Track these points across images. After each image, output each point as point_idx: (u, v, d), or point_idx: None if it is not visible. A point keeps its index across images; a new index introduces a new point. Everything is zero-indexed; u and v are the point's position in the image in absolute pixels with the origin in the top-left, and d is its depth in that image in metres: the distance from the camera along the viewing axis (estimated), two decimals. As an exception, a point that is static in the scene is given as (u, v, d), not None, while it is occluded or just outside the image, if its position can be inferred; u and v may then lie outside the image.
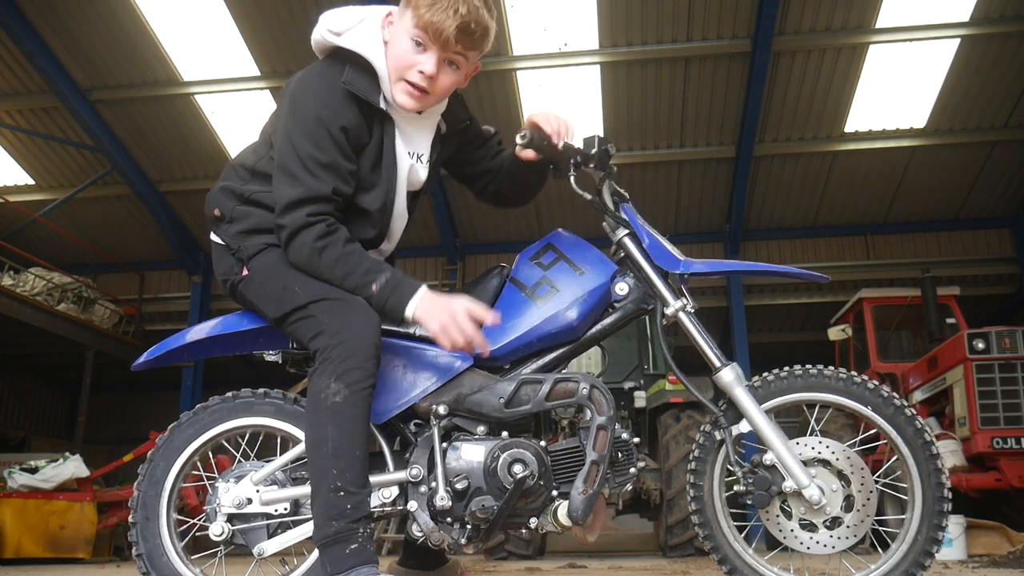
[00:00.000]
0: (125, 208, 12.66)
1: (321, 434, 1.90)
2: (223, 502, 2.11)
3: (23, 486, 7.49)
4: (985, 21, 9.44)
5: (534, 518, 2.07)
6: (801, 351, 14.39)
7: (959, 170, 11.42)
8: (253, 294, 2.11)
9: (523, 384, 2.06)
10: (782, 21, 9.55)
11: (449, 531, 2.04)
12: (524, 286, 2.18)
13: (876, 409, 2.06)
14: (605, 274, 2.15)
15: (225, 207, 2.16)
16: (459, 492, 2.02)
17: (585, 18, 9.68)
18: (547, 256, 2.22)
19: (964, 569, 4.56)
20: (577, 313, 2.11)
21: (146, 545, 2.13)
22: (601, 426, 2.01)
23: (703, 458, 2.16)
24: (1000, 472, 6.69)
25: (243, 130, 11.26)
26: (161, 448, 2.18)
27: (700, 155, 11.34)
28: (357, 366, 1.91)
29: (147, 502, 2.14)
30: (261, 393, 2.23)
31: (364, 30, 2.08)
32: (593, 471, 1.99)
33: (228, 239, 2.17)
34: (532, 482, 2.00)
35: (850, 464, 2.04)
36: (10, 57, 10.38)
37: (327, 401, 1.89)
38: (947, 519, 2.03)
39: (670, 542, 6.59)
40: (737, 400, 2.06)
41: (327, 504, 1.87)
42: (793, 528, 2.06)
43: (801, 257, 12.55)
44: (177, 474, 2.17)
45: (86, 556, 7.54)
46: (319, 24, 2.13)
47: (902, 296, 8.96)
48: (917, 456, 2.03)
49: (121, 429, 15.76)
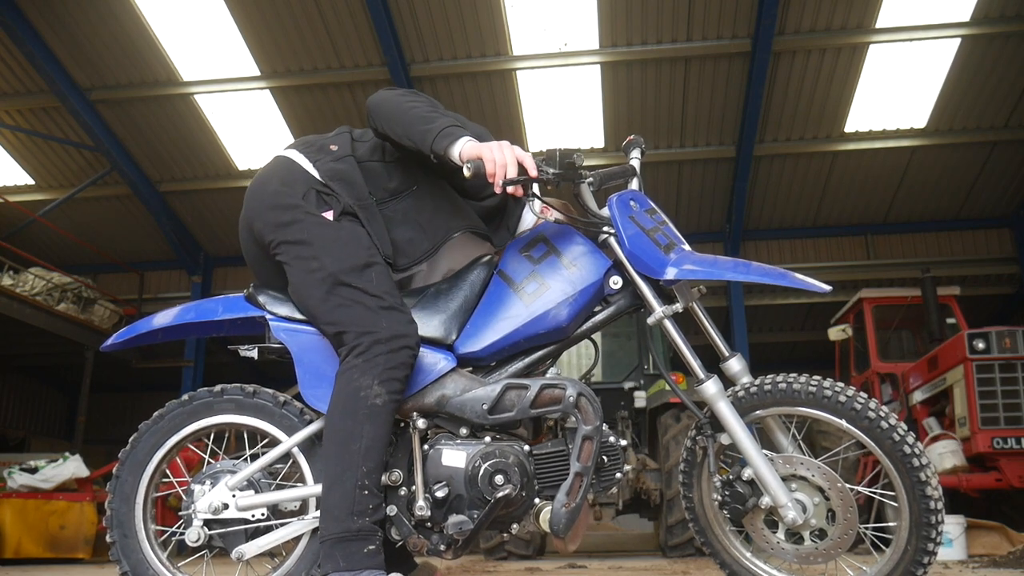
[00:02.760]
0: (125, 208, 12.66)
1: (356, 431, 1.88)
2: (199, 508, 2.07)
3: (23, 486, 7.49)
4: (985, 21, 9.44)
5: (515, 524, 2.03)
6: (801, 351, 14.43)
7: (959, 170, 11.42)
8: (326, 239, 2.03)
9: (508, 389, 2.00)
10: (782, 21, 9.55)
11: (428, 536, 2.00)
12: (512, 280, 2.09)
13: (852, 421, 1.96)
14: (598, 271, 2.06)
15: (342, 151, 2.19)
16: (439, 500, 1.97)
17: (585, 18, 9.68)
18: (538, 249, 2.12)
19: (964, 569, 4.56)
20: (567, 313, 2.03)
21: (129, 561, 2.09)
22: (587, 436, 1.95)
23: (691, 464, 2.14)
24: (1000, 472, 6.68)
25: (243, 130, 11.27)
26: (126, 462, 2.13)
27: (700, 155, 11.34)
28: (401, 377, 1.93)
29: (121, 519, 2.10)
30: (219, 391, 2.19)
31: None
32: (576, 483, 1.94)
33: (322, 170, 2.13)
34: (514, 494, 1.94)
35: (826, 479, 1.98)
36: (10, 57, 10.38)
37: (367, 400, 1.89)
38: (938, 531, 1.95)
39: (670, 542, 6.59)
40: (718, 413, 2.01)
41: (350, 499, 1.85)
42: (779, 540, 2.03)
43: (801, 257, 12.55)
44: (147, 486, 2.13)
45: (86, 556, 7.53)
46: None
47: (902, 296, 8.95)
48: (899, 468, 1.93)
49: (121, 429, 15.73)
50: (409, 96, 2.10)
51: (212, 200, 12.46)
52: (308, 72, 10.40)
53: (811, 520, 1.98)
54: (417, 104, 2.06)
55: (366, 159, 2.20)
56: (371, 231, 2.11)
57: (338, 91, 10.60)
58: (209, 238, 13.15)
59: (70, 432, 14.09)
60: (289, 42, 9.99)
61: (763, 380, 2.06)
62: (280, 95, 10.70)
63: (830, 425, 1.99)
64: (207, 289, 13.27)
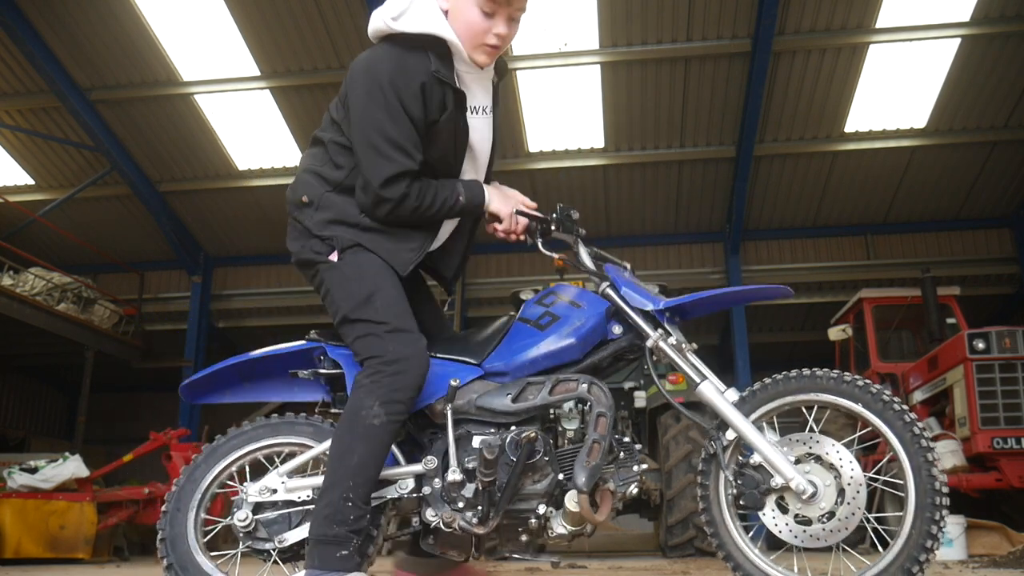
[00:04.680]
0: (125, 208, 12.66)
1: (350, 447, 2.09)
2: (249, 492, 2.30)
3: (23, 486, 7.49)
4: (985, 21, 9.44)
5: (542, 504, 2.17)
6: (801, 351, 14.41)
7: (959, 170, 11.41)
8: (334, 283, 2.26)
9: (528, 384, 2.26)
10: (782, 21, 9.55)
11: (461, 514, 2.17)
12: (529, 320, 2.43)
13: (866, 405, 2.12)
14: (601, 306, 2.36)
15: (314, 194, 2.30)
16: (470, 472, 2.19)
17: (585, 18, 9.68)
18: (549, 298, 2.47)
19: (964, 569, 4.56)
20: (577, 337, 2.31)
21: (171, 531, 2.32)
22: (600, 413, 2.15)
23: (708, 463, 2.27)
24: (1000, 472, 6.68)
25: (243, 130, 11.27)
26: (206, 453, 2.43)
27: (700, 155, 11.33)
28: (402, 400, 2.13)
29: (182, 496, 2.36)
30: (301, 417, 2.48)
31: (421, 10, 2.22)
32: (595, 448, 2.11)
33: (312, 224, 2.29)
34: (539, 454, 2.16)
35: (839, 456, 2.11)
36: (10, 57, 10.38)
37: (365, 420, 2.09)
38: (942, 513, 2.04)
39: (670, 542, 6.59)
40: (717, 409, 2.18)
41: (333, 507, 2.05)
42: (788, 522, 2.13)
43: (801, 257, 12.55)
44: (214, 477, 2.39)
45: (86, 556, 7.53)
46: (375, 16, 2.30)
47: (902, 296, 8.95)
48: (908, 449, 2.07)
49: (121, 429, 15.75)
50: (419, 203, 2.24)
51: (212, 200, 12.46)
52: (308, 72, 10.39)
53: (820, 503, 2.09)
54: (431, 207, 2.25)
55: (337, 182, 2.31)
56: (377, 251, 2.27)
57: (338, 91, 10.57)
58: (209, 238, 13.14)
59: (70, 432, 14.08)
60: (289, 42, 9.99)
61: (778, 375, 2.25)
62: (280, 95, 10.70)
63: (839, 414, 2.17)
64: (207, 289, 13.27)
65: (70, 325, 11.14)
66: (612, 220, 12.51)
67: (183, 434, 8.59)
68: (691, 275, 12.66)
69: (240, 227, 12.92)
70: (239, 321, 13.79)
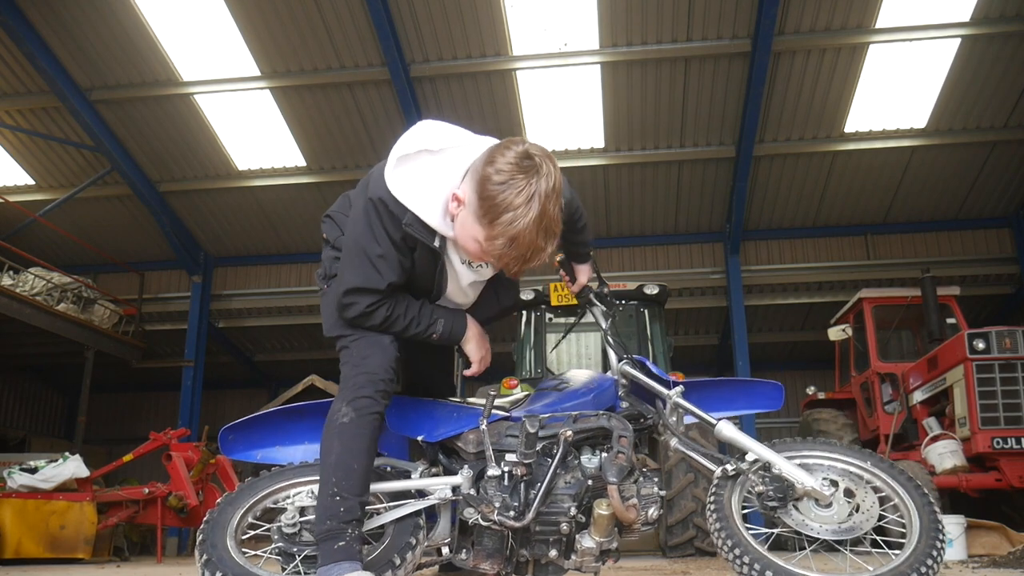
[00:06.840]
0: (125, 208, 12.66)
1: (329, 447, 2.24)
2: (297, 497, 2.43)
3: (23, 486, 7.49)
4: (985, 21, 9.44)
5: (573, 506, 2.28)
6: (801, 351, 14.42)
7: (959, 170, 11.42)
8: (324, 306, 2.50)
9: (551, 419, 2.43)
10: (782, 21, 9.55)
11: (498, 509, 2.27)
12: (546, 387, 2.68)
13: (875, 464, 2.39)
14: (610, 378, 2.62)
15: (331, 234, 2.53)
16: (507, 471, 2.31)
17: (585, 18, 9.68)
18: (563, 377, 2.75)
19: (964, 569, 4.56)
20: (592, 395, 2.53)
21: (214, 516, 2.43)
22: (622, 435, 2.32)
23: (720, 486, 2.40)
24: (1000, 472, 6.69)
25: (243, 130, 11.27)
26: (273, 474, 2.57)
27: (700, 155, 11.34)
28: (367, 395, 2.26)
29: (237, 496, 2.49)
30: None
31: (428, 195, 2.22)
32: (620, 456, 2.23)
33: (327, 260, 2.52)
34: (572, 454, 2.32)
35: (854, 482, 2.32)
36: (10, 57, 10.39)
37: (337, 421, 2.25)
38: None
39: (670, 542, 6.59)
40: (733, 440, 2.38)
41: (324, 505, 2.20)
42: (803, 518, 2.27)
43: (801, 257, 12.56)
44: (267, 493, 2.49)
45: (86, 556, 7.53)
46: (405, 143, 2.24)
47: (902, 296, 8.96)
48: (911, 494, 2.28)
49: (121, 429, 15.77)
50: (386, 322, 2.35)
51: (212, 200, 12.47)
52: (308, 72, 10.39)
53: (835, 512, 2.25)
54: (404, 329, 2.37)
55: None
56: None
57: (338, 91, 10.60)
58: (209, 238, 13.14)
59: (70, 432, 14.11)
60: (289, 42, 9.99)
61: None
62: (280, 95, 10.70)
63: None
64: (207, 289, 13.27)
65: (70, 325, 11.14)
66: (612, 220, 12.51)
67: (183, 434, 8.59)
68: (691, 275, 12.68)
69: (240, 227, 12.92)
70: (239, 321, 13.80)
